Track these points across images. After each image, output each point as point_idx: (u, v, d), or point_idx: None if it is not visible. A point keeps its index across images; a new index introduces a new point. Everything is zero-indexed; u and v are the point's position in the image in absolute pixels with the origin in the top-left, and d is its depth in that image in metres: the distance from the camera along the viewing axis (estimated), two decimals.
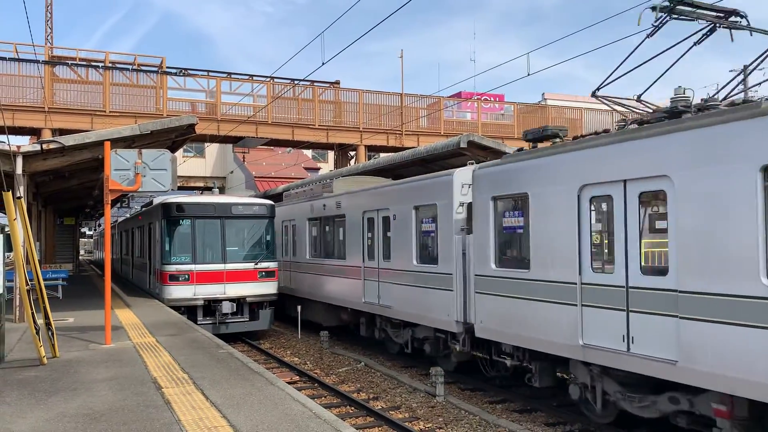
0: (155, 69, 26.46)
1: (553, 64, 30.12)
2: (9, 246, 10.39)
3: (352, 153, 29.18)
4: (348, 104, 27.84)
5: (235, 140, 27.29)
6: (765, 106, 6.44)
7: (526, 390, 11.30)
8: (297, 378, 12.99)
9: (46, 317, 9.92)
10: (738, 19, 8.24)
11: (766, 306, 6.22)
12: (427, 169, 16.53)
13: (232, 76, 27.24)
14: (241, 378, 8.58)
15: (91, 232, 70.30)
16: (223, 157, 46.52)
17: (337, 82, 29.23)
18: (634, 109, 9.12)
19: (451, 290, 11.44)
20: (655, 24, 8.20)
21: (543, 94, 48.25)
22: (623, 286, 7.88)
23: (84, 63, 25.56)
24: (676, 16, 8.14)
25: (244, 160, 42.90)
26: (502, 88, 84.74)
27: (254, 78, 27.23)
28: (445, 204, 11.74)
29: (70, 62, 25.16)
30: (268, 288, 17.54)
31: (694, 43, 8.31)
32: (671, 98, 8.15)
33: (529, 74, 14.94)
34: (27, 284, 9.55)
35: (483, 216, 10.51)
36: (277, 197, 23.58)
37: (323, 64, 14.97)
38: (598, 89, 8.90)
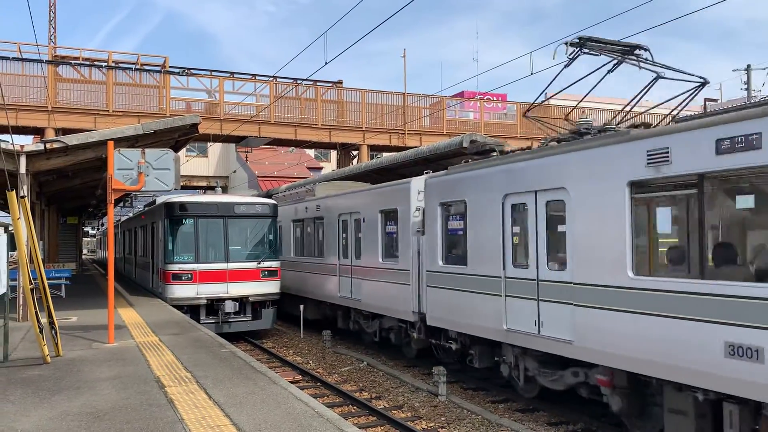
0: (158, 68, 26.50)
1: (555, 63, 30.04)
2: (13, 245, 10.42)
3: (355, 153, 29.19)
4: (351, 104, 27.85)
5: (237, 140, 27.31)
6: (633, 134, 8.06)
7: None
8: (299, 377, 13.00)
9: (50, 316, 9.95)
10: (642, 52, 9.50)
11: (632, 294, 7.84)
12: (431, 169, 16.56)
13: (235, 75, 27.30)
14: (244, 377, 8.59)
15: (94, 232, 70.44)
16: (226, 157, 46.57)
17: (340, 82, 29.25)
18: (556, 127, 10.53)
19: (409, 284, 12.99)
20: (569, 57, 9.64)
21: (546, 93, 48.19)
22: (535, 279, 9.50)
23: (87, 62, 25.60)
24: (587, 50, 9.42)
25: (246, 160, 42.94)
26: (505, 87, 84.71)
27: (257, 77, 27.27)
28: (404, 209, 13.31)
29: (73, 62, 25.21)
30: (271, 287, 17.56)
31: (608, 71, 9.65)
32: (576, 122, 9.71)
33: (532, 73, 14.93)
34: (30, 283, 9.57)
35: (433, 219, 12.14)
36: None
37: (326, 63, 14.99)
38: (528, 110, 10.44)
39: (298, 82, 26.79)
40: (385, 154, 27.21)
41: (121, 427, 6.36)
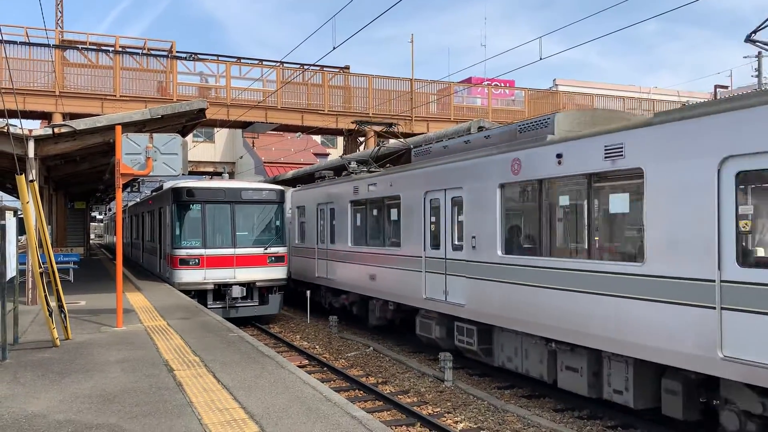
0: (165, 53, 26.44)
1: (565, 49, 29.85)
2: (22, 229, 10.47)
3: (362, 139, 29.11)
4: (358, 89, 27.75)
5: (244, 125, 27.30)
6: (353, 178, 16.31)
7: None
8: (306, 362, 13.07)
9: (59, 300, 10.02)
10: (396, 126, 17.86)
11: (350, 254, 16.13)
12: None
13: (242, 61, 27.20)
14: (252, 361, 8.64)
15: (101, 217, 70.69)
16: (233, 143, 46.57)
17: (347, 68, 29.11)
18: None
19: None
20: (356, 129, 18.74)
21: (554, 80, 47.92)
22: (325, 249, 17.90)
23: (94, 47, 25.58)
24: (363, 127, 18.33)
25: (253, 146, 42.92)
26: (513, 73, 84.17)
27: (264, 63, 27.18)
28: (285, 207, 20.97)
29: (80, 46, 25.19)
30: (278, 273, 17.63)
31: (379, 137, 19.49)
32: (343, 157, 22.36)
33: (541, 58, 14.84)
34: (40, 267, 9.62)
35: (294, 215, 20.74)
36: (284, 183, 24.52)
37: (334, 48, 14.95)
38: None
39: (305, 67, 26.69)
40: (391, 141, 27.02)
41: (131, 409, 6.42)
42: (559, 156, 9.14)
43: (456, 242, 11.73)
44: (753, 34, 8.88)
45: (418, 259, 12.87)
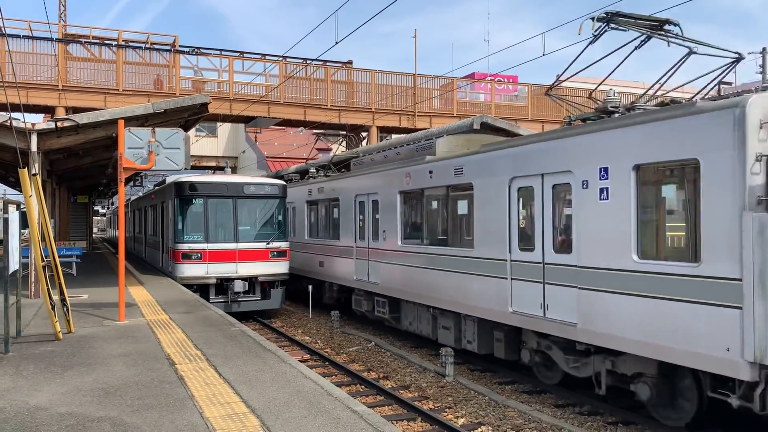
0: (168, 48, 26.41)
1: (569, 44, 29.71)
2: (25, 223, 10.49)
3: (365, 134, 29.08)
4: (360, 84, 27.67)
5: (247, 120, 27.26)
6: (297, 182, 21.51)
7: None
8: (308, 356, 13.09)
9: (61, 293, 10.04)
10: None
11: (306, 245, 19.64)
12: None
13: (245, 55, 27.15)
14: (254, 355, 8.66)
15: (104, 211, 70.71)
16: (235, 137, 46.52)
17: (350, 62, 29.04)
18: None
19: None
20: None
21: (557, 75, 47.75)
22: (304, 242, 19.92)
23: (97, 41, 25.55)
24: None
25: (256, 140, 42.87)
26: (516, 69, 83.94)
27: (266, 57, 27.13)
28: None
29: (83, 40, 25.16)
30: (280, 267, 17.65)
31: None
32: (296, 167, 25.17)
33: (544, 54, 14.79)
34: (42, 260, 9.64)
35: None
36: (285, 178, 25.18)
37: (336, 43, 14.91)
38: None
39: (308, 62, 26.65)
40: (394, 136, 27.03)
41: (133, 403, 6.44)
42: (431, 172, 12.54)
43: (374, 235, 15.01)
44: (550, 90, 10.98)
45: (350, 248, 16.19)
